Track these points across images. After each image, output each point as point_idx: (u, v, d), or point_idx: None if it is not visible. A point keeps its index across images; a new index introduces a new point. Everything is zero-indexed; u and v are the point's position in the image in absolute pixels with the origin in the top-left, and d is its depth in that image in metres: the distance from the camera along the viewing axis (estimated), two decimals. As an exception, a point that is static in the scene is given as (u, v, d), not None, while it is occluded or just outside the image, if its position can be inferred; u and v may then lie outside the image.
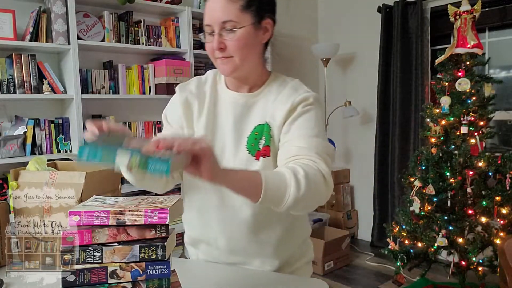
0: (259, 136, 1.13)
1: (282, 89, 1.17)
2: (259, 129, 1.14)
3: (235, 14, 1.06)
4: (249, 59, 1.12)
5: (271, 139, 1.12)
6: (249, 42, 1.10)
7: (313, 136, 1.07)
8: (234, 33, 1.07)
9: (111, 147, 0.72)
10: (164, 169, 0.69)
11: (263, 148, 1.12)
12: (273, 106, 1.14)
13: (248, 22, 1.08)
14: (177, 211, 0.80)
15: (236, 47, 1.08)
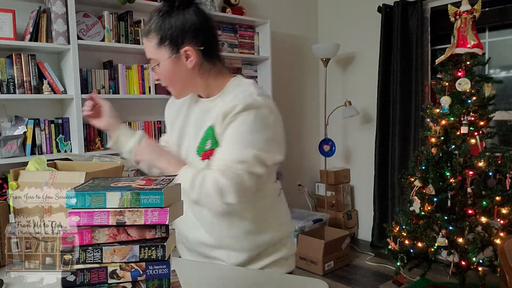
0: (206, 138, 1.20)
1: (230, 94, 1.20)
2: (208, 131, 1.20)
3: (153, 52, 1.18)
4: (183, 84, 1.23)
5: (216, 142, 1.18)
6: (172, 73, 1.20)
7: (229, 144, 1.14)
8: (158, 67, 1.19)
9: (99, 191, 0.72)
10: (157, 201, 0.70)
11: (209, 150, 1.19)
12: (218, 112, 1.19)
13: (165, 56, 1.17)
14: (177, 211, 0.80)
15: (164, 79, 1.21)
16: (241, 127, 1.13)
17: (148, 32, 1.17)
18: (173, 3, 1.16)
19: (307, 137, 4.41)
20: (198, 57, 1.19)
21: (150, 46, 1.18)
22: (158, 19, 1.16)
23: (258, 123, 1.14)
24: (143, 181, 0.77)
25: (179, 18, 1.16)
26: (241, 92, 1.18)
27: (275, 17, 3.93)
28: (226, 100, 1.18)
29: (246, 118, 1.13)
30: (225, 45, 3.44)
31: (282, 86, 4.07)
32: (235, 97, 1.17)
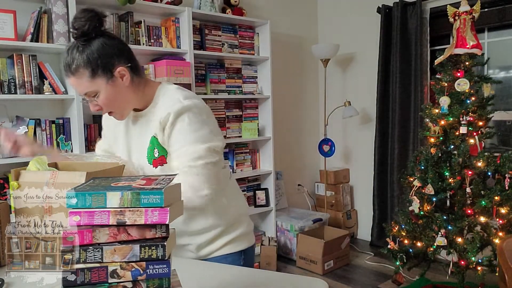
0: (153, 147, 1.30)
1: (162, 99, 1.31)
2: (152, 141, 1.30)
3: (88, 85, 1.22)
4: (126, 102, 1.30)
5: (164, 149, 1.29)
6: (114, 96, 1.26)
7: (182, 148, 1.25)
8: (98, 97, 1.24)
9: (100, 191, 0.73)
10: (158, 200, 0.70)
11: (159, 158, 1.29)
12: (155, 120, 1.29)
13: (102, 84, 1.23)
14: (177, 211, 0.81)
15: (108, 104, 1.26)
16: (182, 131, 1.25)
17: (76, 70, 1.21)
18: (89, 36, 1.21)
19: (307, 137, 4.42)
20: (130, 73, 1.27)
21: (82, 82, 1.22)
22: (80, 56, 1.20)
23: (194, 122, 1.25)
24: (143, 181, 0.78)
25: (99, 46, 1.22)
26: (168, 100, 1.28)
27: (275, 18, 3.93)
28: (159, 109, 1.29)
29: (183, 122, 1.25)
30: (225, 46, 3.45)
31: (282, 86, 4.08)
32: (164, 105, 1.28)
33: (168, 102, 1.28)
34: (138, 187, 0.73)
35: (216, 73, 3.43)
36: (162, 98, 1.32)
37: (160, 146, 1.29)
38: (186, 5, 3.18)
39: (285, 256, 3.72)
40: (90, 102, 1.25)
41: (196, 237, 1.41)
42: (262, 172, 3.70)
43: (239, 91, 3.58)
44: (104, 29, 1.25)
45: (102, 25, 1.24)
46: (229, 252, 1.44)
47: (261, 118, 3.76)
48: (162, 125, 1.26)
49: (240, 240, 1.47)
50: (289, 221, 3.69)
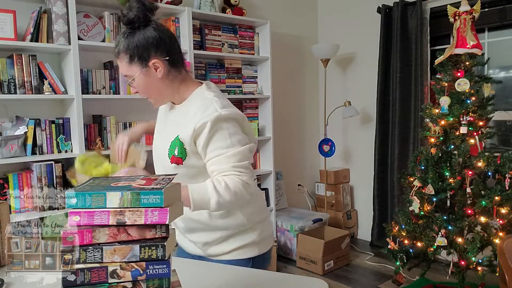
0: (175, 145, 1.35)
1: (195, 105, 1.36)
2: (176, 139, 1.35)
3: (126, 69, 1.33)
4: (158, 92, 1.37)
5: (184, 152, 1.34)
6: (147, 84, 1.34)
7: (227, 155, 1.28)
8: (133, 82, 1.34)
9: (100, 191, 0.72)
10: (158, 201, 0.70)
11: (176, 157, 1.34)
12: (186, 123, 1.33)
13: (137, 72, 1.32)
14: (177, 211, 0.80)
15: (142, 91, 1.35)
16: (222, 138, 1.29)
17: (118, 54, 1.32)
18: (134, 25, 1.30)
19: (307, 137, 4.42)
20: (165, 67, 1.33)
21: (122, 65, 1.33)
22: (124, 41, 1.30)
23: (231, 128, 1.31)
24: (143, 181, 0.78)
25: (141, 36, 1.31)
26: (204, 108, 1.32)
27: (275, 18, 3.93)
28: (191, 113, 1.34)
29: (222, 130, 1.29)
30: (225, 46, 3.45)
31: (282, 86, 4.08)
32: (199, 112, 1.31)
33: (204, 111, 1.31)
34: (138, 187, 0.73)
35: (216, 73, 3.43)
36: (197, 103, 1.35)
37: (182, 148, 1.33)
38: (186, 5, 3.18)
39: (285, 256, 3.72)
40: (130, 85, 1.35)
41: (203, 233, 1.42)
42: (262, 172, 3.70)
43: (239, 91, 3.58)
44: (151, 20, 1.35)
45: (148, 17, 1.33)
46: (237, 258, 1.41)
47: (261, 118, 3.75)
48: (197, 133, 1.29)
49: (250, 246, 1.43)
50: (289, 221, 3.69)
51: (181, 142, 1.33)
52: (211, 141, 1.29)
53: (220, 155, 1.28)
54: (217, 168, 1.27)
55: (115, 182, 0.78)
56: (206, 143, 1.29)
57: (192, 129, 1.29)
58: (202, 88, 1.40)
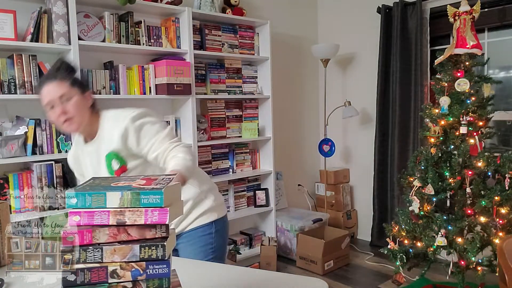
0: (109, 162, 1.57)
1: (107, 123, 1.61)
2: (107, 158, 1.58)
3: (67, 89, 1.54)
4: (84, 116, 1.59)
5: (123, 159, 1.57)
6: (81, 106, 1.57)
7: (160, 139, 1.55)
8: (69, 100, 1.53)
9: (100, 191, 0.72)
10: (158, 200, 0.70)
11: (120, 168, 1.56)
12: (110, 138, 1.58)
13: (77, 93, 1.56)
14: (177, 211, 0.81)
15: (73, 110, 1.54)
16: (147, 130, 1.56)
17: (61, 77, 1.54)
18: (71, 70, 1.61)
19: (307, 137, 4.42)
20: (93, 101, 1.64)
21: (63, 86, 1.53)
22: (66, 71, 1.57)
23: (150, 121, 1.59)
24: (143, 181, 0.78)
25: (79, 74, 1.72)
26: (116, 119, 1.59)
27: (275, 18, 3.93)
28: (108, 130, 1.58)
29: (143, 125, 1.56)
30: (225, 46, 3.45)
31: (282, 86, 4.08)
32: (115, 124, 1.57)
33: (118, 121, 1.57)
34: (138, 187, 0.73)
35: (216, 73, 3.43)
36: (108, 121, 1.62)
37: (119, 158, 1.56)
38: (186, 5, 3.18)
39: (285, 256, 3.72)
40: (58, 106, 1.52)
41: None
42: (262, 172, 3.70)
43: (239, 91, 3.58)
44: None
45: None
46: (200, 224, 1.71)
47: (261, 118, 3.76)
48: (124, 138, 1.54)
49: (209, 212, 1.73)
50: (289, 221, 3.69)
51: (116, 153, 1.56)
52: (140, 137, 1.55)
53: (154, 142, 1.54)
54: (160, 151, 1.53)
55: (115, 182, 0.78)
56: (137, 141, 1.55)
57: (119, 137, 1.54)
58: (103, 113, 1.66)
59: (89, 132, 1.65)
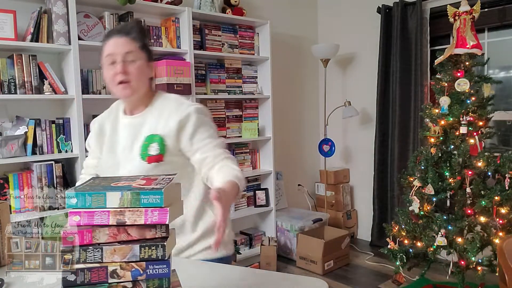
0: (148, 145, 1.41)
1: (166, 104, 1.47)
2: (147, 139, 1.42)
3: (135, 50, 1.40)
4: (143, 83, 1.44)
5: (164, 149, 1.40)
6: (143, 72, 1.43)
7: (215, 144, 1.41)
8: (135, 62, 1.39)
9: (100, 191, 0.72)
10: (158, 201, 0.70)
11: (156, 156, 1.39)
12: (163, 121, 1.42)
13: (144, 57, 1.43)
14: (177, 211, 0.81)
15: (135, 73, 1.39)
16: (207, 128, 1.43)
17: (134, 37, 1.41)
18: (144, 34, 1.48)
19: (307, 137, 4.42)
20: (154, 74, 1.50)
21: (134, 45, 1.40)
22: (140, 32, 1.44)
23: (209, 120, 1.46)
24: (143, 181, 0.78)
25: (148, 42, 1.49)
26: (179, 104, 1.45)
27: (275, 18, 3.93)
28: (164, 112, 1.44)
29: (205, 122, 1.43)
30: (225, 46, 3.45)
31: (282, 86, 4.08)
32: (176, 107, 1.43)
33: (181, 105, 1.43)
34: (138, 187, 0.73)
35: (216, 73, 3.43)
36: (166, 102, 1.47)
37: (162, 144, 1.39)
38: (186, 5, 3.18)
39: (285, 256, 3.72)
40: (120, 64, 1.37)
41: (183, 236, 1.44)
42: (262, 172, 3.70)
43: (239, 91, 3.58)
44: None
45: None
46: (206, 258, 1.45)
47: (261, 118, 3.75)
48: (182, 124, 1.39)
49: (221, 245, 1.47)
50: (289, 221, 3.69)
51: (161, 138, 1.40)
52: (197, 132, 1.40)
53: (207, 144, 1.40)
54: (210, 154, 1.38)
55: (115, 182, 0.78)
56: (192, 134, 1.40)
57: (176, 122, 1.39)
58: (159, 92, 1.53)
59: (136, 104, 1.49)
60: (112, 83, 1.41)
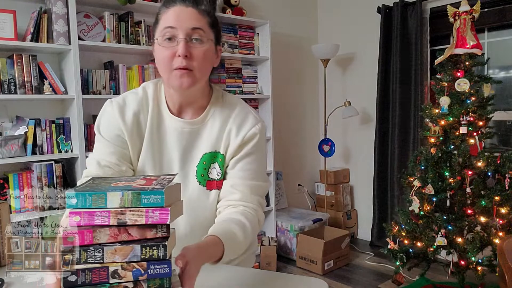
0: (208, 166, 1.14)
1: (229, 114, 1.16)
2: (207, 158, 1.14)
3: (205, 26, 1.06)
4: (205, 72, 1.11)
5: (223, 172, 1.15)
6: (210, 57, 1.10)
7: (255, 181, 1.14)
8: (202, 43, 1.05)
9: (100, 191, 0.72)
10: (158, 200, 0.70)
11: (218, 181, 1.15)
12: (226, 136, 1.14)
13: (212, 38, 1.09)
14: (177, 211, 0.81)
15: (203, 58, 1.06)
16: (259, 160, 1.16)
17: (203, 9, 1.08)
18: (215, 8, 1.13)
19: (307, 137, 4.42)
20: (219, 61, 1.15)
21: (203, 20, 1.06)
22: (211, 7, 1.10)
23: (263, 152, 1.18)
24: (143, 181, 0.78)
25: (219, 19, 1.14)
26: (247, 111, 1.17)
27: (275, 18, 3.93)
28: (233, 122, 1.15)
29: (261, 148, 1.16)
30: (225, 46, 3.45)
31: (282, 86, 4.08)
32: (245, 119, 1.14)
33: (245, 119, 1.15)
34: (139, 187, 0.73)
35: (216, 73, 3.42)
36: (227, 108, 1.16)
37: (222, 167, 1.14)
38: (186, 5, 3.17)
39: (285, 256, 3.72)
40: (182, 42, 1.03)
41: None
42: (262, 172, 3.70)
43: (239, 91, 3.58)
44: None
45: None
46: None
47: (261, 118, 3.75)
48: (243, 143, 1.13)
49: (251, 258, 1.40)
50: (289, 221, 3.69)
51: (224, 158, 1.14)
52: (248, 157, 1.14)
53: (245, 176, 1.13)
54: (242, 195, 1.12)
55: (115, 182, 0.79)
56: (242, 157, 1.14)
57: (240, 140, 1.13)
58: (218, 90, 1.20)
59: (189, 101, 1.15)
60: (166, 67, 1.06)
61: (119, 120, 1.13)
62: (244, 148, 1.13)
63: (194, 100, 1.15)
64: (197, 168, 1.14)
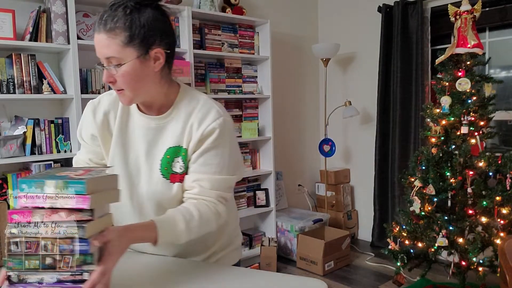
0: (171, 159, 1.18)
1: (192, 109, 1.18)
2: (170, 152, 1.18)
3: (117, 50, 1.05)
4: (142, 89, 1.12)
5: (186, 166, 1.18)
6: (137, 75, 1.08)
7: (218, 175, 1.16)
8: (119, 68, 1.06)
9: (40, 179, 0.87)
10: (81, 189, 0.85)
11: (181, 175, 1.18)
12: (188, 131, 1.16)
13: (132, 56, 1.06)
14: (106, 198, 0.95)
15: (124, 81, 1.08)
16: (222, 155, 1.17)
17: (112, 29, 1.04)
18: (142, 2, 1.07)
19: (307, 137, 4.41)
20: (164, 61, 1.12)
21: (113, 44, 1.04)
22: (124, 16, 1.04)
23: (232, 146, 1.19)
24: (81, 171, 0.95)
25: (149, 17, 1.06)
26: (206, 110, 1.17)
27: (275, 17, 3.93)
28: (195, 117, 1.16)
29: (224, 142, 1.17)
30: (225, 45, 3.44)
31: (282, 86, 4.07)
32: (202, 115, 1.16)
33: (207, 113, 1.16)
34: (72, 177, 0.88)
35: (216, 73, 3.43)
36: (191, 104, 1.18)
37: (185, 161, 1.17)
38: (185, 4, 3.17)
39: (285, 256, 3.71)
40: (107, 70, 1.08)
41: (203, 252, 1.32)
42: (262, 172, 3.69)
43: (239, 90, 3.57)
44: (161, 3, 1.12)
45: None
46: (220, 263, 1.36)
47: (261, 118, 3.75)
48: (202, 138, 1.14)
49: (235, 252, 1.41)
50: (289, 222, 3.68)
51: (186, 152, 1.16)
52: (209, 152, 1.15)
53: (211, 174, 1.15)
54: (201, 189, 1.15)
55: (62, 172, 0.94)
56: (203, 151, 1.15)
57: (199, 135, 1.14)
58: (185, 89, 1.22)
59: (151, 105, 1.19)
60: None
61: (91, 120, 1.26)
62: (205, 142, 1.15)
63: (151, 104, 1.19)
64: (161, 161, 1.18)
